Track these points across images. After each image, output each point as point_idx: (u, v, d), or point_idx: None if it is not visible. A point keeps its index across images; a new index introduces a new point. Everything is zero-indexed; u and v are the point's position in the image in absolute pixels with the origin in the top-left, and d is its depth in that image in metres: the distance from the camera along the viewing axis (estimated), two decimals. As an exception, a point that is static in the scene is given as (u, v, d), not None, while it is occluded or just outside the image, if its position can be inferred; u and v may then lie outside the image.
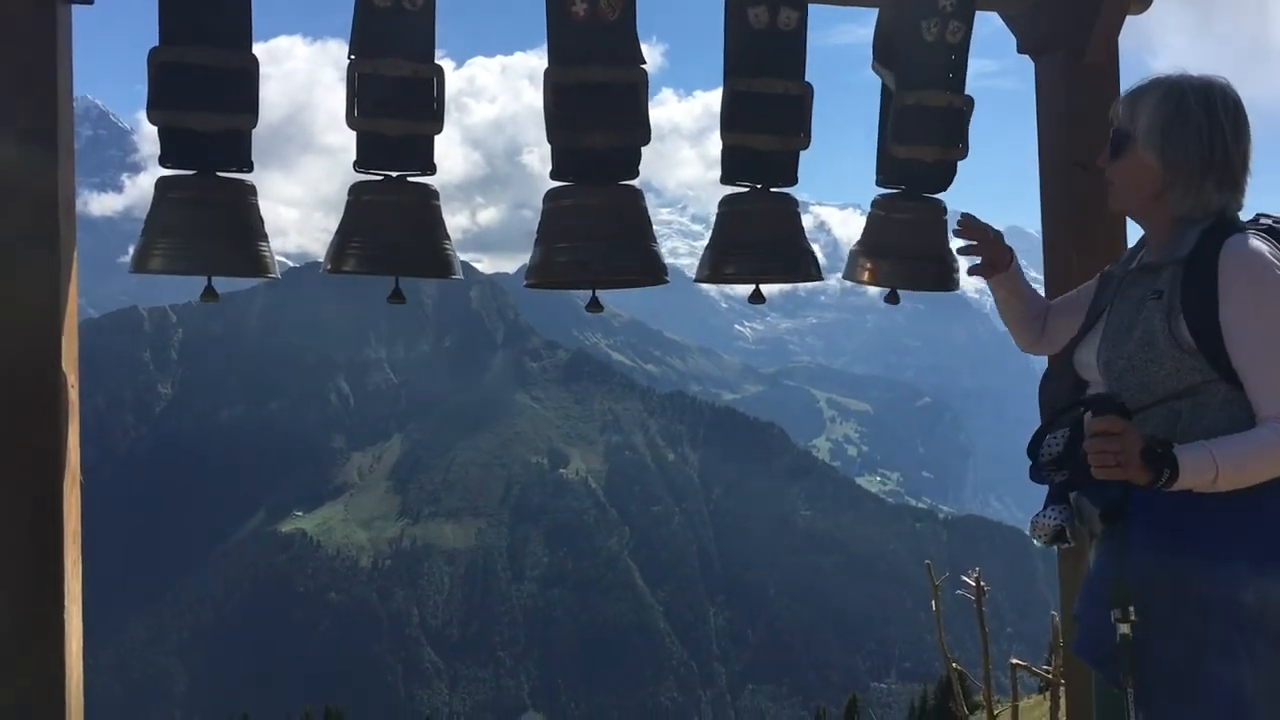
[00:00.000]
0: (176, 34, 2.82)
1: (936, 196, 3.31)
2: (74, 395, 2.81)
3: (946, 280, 3.32)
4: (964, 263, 3.01)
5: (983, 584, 3.97)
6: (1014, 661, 4.19)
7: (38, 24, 2.76)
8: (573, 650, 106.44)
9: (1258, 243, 2.24)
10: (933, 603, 4.16)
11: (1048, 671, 4.18)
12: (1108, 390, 2.32)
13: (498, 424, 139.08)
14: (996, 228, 2.92)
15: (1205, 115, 2.29)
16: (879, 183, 3.36)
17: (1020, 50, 3.45)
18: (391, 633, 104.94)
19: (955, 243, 3.03)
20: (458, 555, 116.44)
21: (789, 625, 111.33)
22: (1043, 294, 3.01)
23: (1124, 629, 2.13)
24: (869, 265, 3.32)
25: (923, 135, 3.21)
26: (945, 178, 3.32)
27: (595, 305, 3.18)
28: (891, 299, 3.37)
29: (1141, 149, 2.34)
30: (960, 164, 3.30)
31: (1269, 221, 2.37)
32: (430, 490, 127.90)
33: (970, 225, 2.88)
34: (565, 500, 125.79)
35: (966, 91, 3.27)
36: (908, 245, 3.24)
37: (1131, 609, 2.13)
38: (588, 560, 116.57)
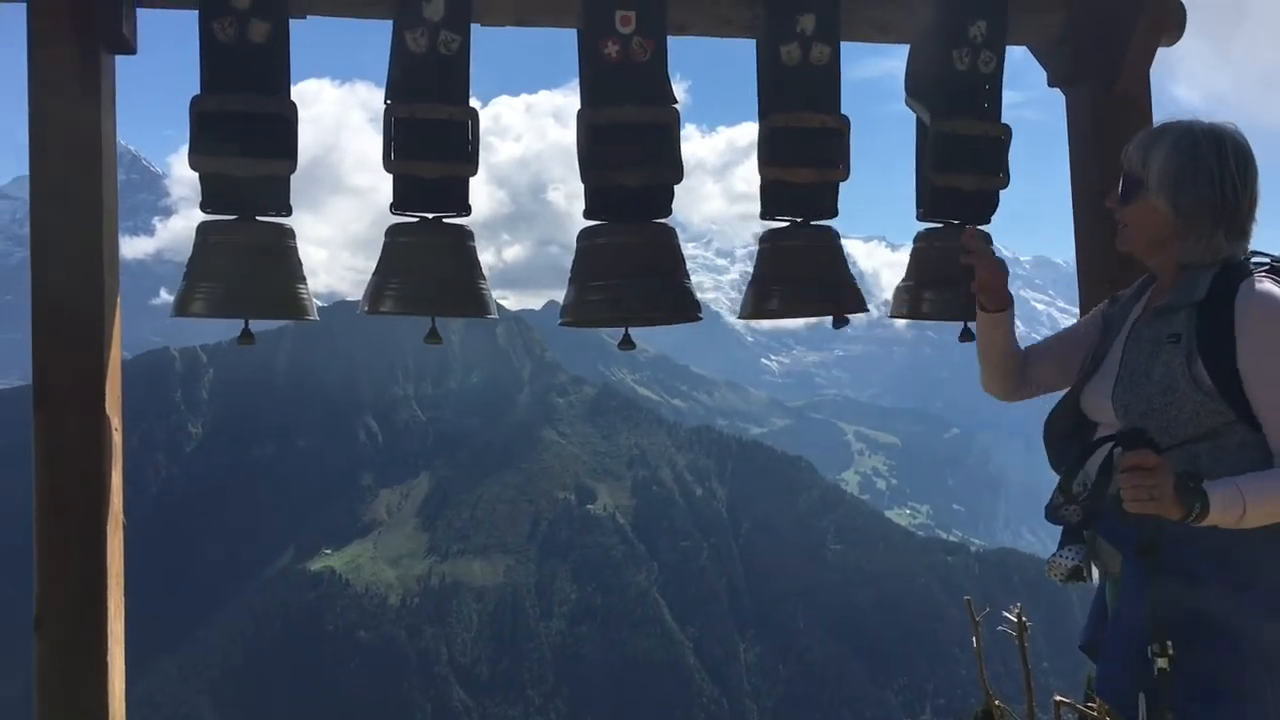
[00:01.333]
0: (217, 82, 2.88)
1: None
2: (117, 439, 2.85)
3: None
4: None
5: (1024, 620, 3.93)
6: (1058, 699, 4.13)
7: (83, 74, 2.83)
8: (602, 688, 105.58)
9: (1272, 286, 2.26)
10: (973, 639, 4.11)
11: (1092, 708, 4.13)
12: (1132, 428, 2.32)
13: (525, 460, 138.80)
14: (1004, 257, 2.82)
15: (1217, 164, 2.32)
16: (920, 217, 3.36)
17: (1051, 83, 3.46)
18: (420, 671, 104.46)
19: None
20: (486, 592, 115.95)
21: (820, 660, 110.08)
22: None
23: (1161, 663, 2.13)
24: (923, 298, 3.31)
25: (960, 164, 3.22)
26: (987, 207, 3.32)
27: (628, 343, 3.18)
28: (965, 337, 3.32)
29: (1154, 196, 2.37)
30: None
31: (1268, 260, 2.38)
32: (458, 527, 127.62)
33: (980, 246, 2.75)
34: (593, 536, 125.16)
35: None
36: (957, 275, 3.24)
37: (1169, 644, 2.13)
38: (616, 596, 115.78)
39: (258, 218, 2.96)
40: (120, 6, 2.90)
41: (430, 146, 2.98)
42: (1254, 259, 2.37)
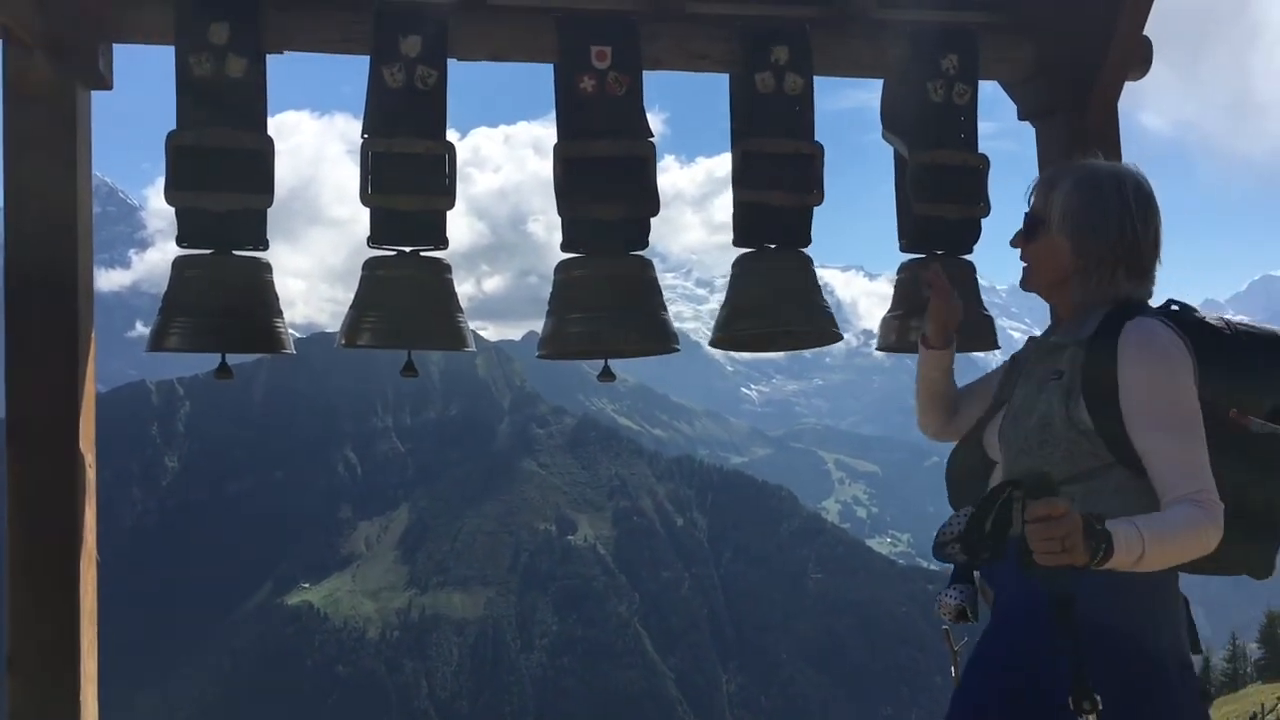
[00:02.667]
0: (193, 117, 2.88)
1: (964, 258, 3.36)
2: (91, 474, 2.83)
3: (988, 338, 3.35)
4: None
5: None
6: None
7: (59, 109, 2.83)
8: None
9: (1157, 326, 2.24)
10: (951, 668, 4.11)
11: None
12: (1029, 470, 2.24)
13: (505, 491, 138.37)
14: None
15: (1118, 203, 2.31)
16: (903, 248, 3.39)
17: (1021, 117, 3.50)
18: (400, 705, 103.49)
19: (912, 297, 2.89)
20: (466, 625, 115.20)
21: (803, 690, 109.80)
22: None
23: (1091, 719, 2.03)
24: (910, 329, 3.32)
25: (942, 193, 3.25)
26: (970, 236, 3.35)
27: (607, 374, 3.19)
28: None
29: (1056, 235, 2.36)
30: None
31: (1177, 308, 2.37)
32: (438, 559, 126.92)
33: (942, 282, 2.74)
34: (574, 567, 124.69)
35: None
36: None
37: (1098, 698, 2.01)
38: (597, 628, 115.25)
39: (234, 251, 2.95)
40: (97, 43, 2.91)
41: (407, 180, 2.98)
42: (1169, 306, 2.37)
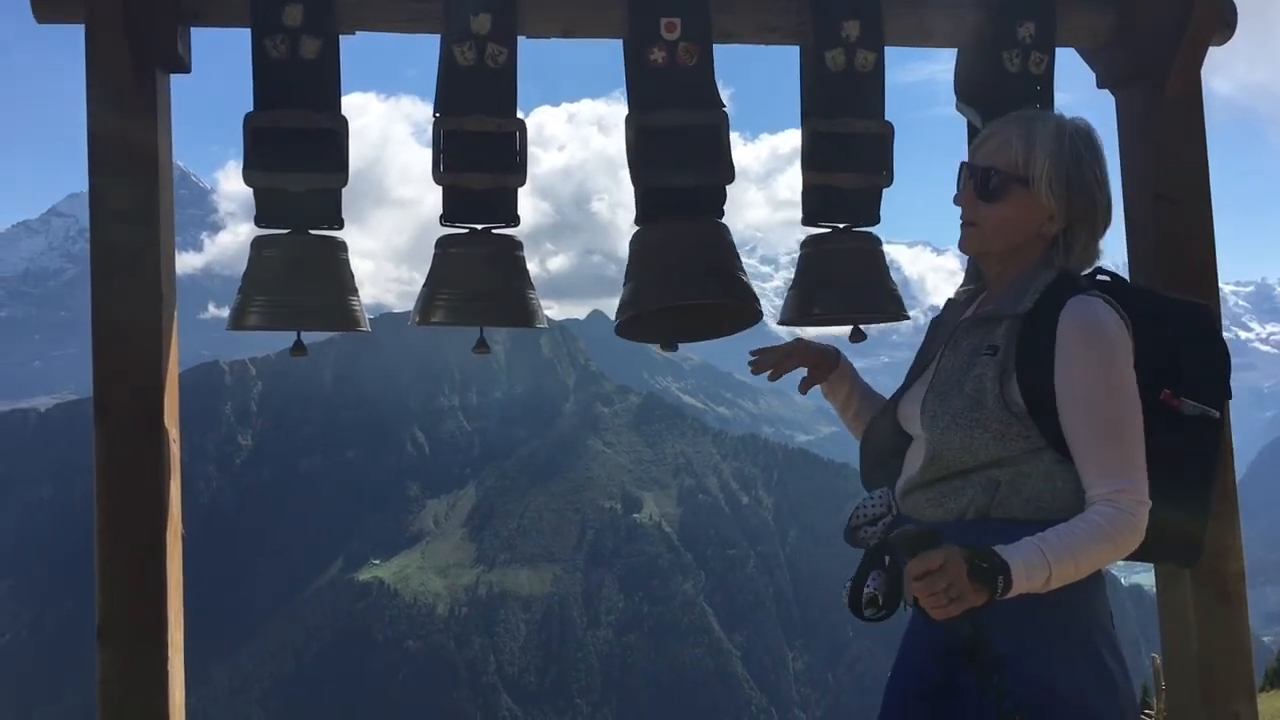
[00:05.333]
0: (270, 98, 2.93)
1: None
2: (176, 449, 2.90)
3: None
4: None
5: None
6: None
7: (140, 93, 2.88)
8: (650, 697, 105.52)
9: (1100, 307, 2.14)
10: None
11: (1149, 715, 4.07)
12: (912, 519, 2.19)
13: (571, 470, 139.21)
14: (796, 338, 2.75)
15: (1096, 164, 2.24)
16: None
17: (1100, 85, 3.41)
18: (469, 680, 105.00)
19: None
20: (533, 602, 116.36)
21: (870, 669, 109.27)
22: None
23: None
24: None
25: None
26: None
27: (669, 345, 3.18)
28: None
29: (1044, 195, 2.21)
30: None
31: (1108, 278, 2.29)
32: (505, 537, 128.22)
33: (763, 360, 2.70)
34: (639, 545, 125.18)
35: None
36: None
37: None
38: (663, 605, 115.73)
39: (310, 231, 3.00)
40: (175, 26, 2.95)
41: (479, 158, 2.99)
42: (1098, 276, 2.29)
